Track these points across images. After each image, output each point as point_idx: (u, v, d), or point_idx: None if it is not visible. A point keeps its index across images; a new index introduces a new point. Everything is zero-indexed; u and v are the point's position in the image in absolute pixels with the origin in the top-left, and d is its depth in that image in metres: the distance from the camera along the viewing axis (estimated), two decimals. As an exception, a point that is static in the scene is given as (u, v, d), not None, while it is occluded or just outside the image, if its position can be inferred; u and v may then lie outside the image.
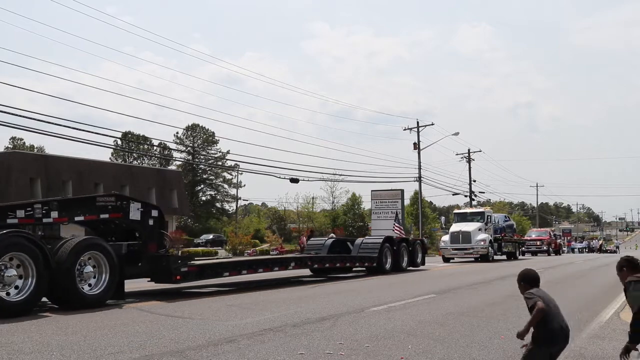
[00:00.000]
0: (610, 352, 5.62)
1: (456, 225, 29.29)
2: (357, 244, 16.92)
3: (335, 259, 15.37)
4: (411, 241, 19.11)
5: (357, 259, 16.19)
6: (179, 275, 9.86)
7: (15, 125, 19.08)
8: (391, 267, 16.96)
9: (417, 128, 44.97)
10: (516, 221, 73.19)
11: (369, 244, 16.75)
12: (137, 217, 9.71)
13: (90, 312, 8.13)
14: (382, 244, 16.53)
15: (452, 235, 28.40)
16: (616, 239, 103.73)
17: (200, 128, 74.62)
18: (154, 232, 10.01)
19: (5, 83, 49.76)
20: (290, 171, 30.70)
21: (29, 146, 78.72)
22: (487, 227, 28.77)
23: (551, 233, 48.38)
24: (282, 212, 78.48)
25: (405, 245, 18.26)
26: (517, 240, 34.45)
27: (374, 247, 16.45)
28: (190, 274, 10.15)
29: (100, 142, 57.17)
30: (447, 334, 6.52)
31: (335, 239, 18.25)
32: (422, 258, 19.15)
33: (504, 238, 30.92)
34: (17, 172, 41.17)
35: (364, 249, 16.51)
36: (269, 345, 5.71)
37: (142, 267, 9.83)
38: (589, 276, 17.71)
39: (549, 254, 43.00)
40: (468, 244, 27.43)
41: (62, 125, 20.13)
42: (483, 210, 31.01)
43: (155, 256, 9.89)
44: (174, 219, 55.94)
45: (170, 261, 9.89)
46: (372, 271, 16.44)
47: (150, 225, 9.91)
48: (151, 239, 9.92)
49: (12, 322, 7.15)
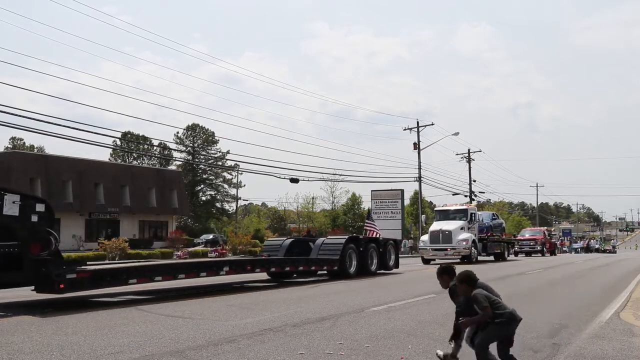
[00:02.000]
0: (611, 352, 5.62)
1: (437, 224, 27.06)
2: (316, 245, 15.34)
3: (285, 262, 13.81)
4: (382, 241, 17.27)
5: (315, 262, 14.44)
6: (62, 284, 8.31)
7: (15, 125, 19.12)
8: (357, 271, 15.30)
9: (417, 128, 45.01)
10: (516, 221, 73.30)
11: (330, 245, 15.15)
12: (13, 212, 8.19)
13: (90, 312, 8.13)
14: (344, 245, 14.93)
15: (431, 235, 26.21)
16: (616, 239, 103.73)
17: (200, 128, 74.68)
18: (37, 231, 8.45)
19: (5, 83, 49.80)
20: (290, 171, 30.76)
21: (29, 146, 78.78)
22: (471, 226, 26.63)
23: (546, 232, 46.18)
24: (282, 212, 78.51)
25: (375, 246, 16.55)
26: (505, 240, 32.66)
27: (336, 249, 14.86)
28: (81, 281, 8.65)
29: (100, 142, 57.35)
30: (447, 334, 6.49)
31: (295, 239, 16.70)
32: (395, 260, 17.61)
33: (490, 238, 29.14)
34: (17, 172, 41.21)
35: (325, 251, 14.93)
36: (269, 345, 5.71)
37: (24, 273, 8.34)
38: (588, 276, 17.71)
39: (542, 254, 41.31)
40: (449, 244, 25.31)
41: (62, 125, 20.18)
42: (466, 208, 28.49)
43: (35, 260, 8.32)
44: (174, 219, 55.98)
45: (50, 266, 8.30)
46: (335, 275, 14.85)
47: (32, 222, 8.39)
48: (34, 239, 8.38)
49: (12, 322, 7.15)
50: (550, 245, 44.15)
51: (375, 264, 16.29)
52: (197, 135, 75.41)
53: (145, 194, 50.76)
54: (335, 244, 15.11)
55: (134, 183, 49.72)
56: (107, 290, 11.14)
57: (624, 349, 5.75)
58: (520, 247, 41.07)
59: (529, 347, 5.86)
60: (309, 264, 14.21)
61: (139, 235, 49.79)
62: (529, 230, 47.72)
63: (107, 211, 47.70)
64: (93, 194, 46.42)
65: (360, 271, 15.41)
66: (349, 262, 15.09)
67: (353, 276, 14.94)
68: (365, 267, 15.73)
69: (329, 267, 14.60)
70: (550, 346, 5.94)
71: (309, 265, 14.24)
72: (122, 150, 69.50)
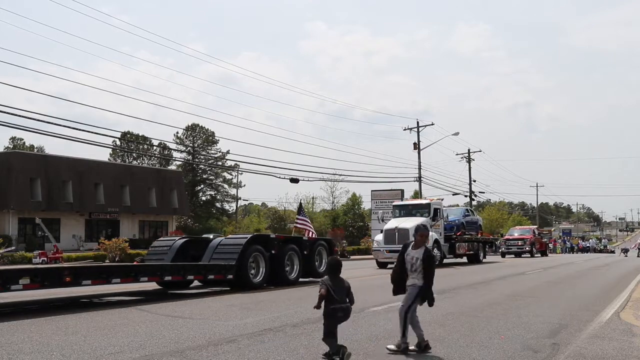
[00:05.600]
0: (611, 352, 5.62)
1: (394, 221, 23.09)
2: (211, 247, 12.25)
3: (154, 269, 10.63)
4: (306, 243, 13.97)
5: (204, 268, 11.28)
6: None
7: (15, 125, 19.12)
8: (265, 279, 12.24)
9: (417, 128, 45.01)
10: (516, 221, 73.09)
11: (227, 247, 12.08)
12: None
13: (90, 312, 8.13)
14: (245, 247, 11.73)
15: (386, 234, 22.10)
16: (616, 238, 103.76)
17: (200, 128, 74.67)
18: None
19: (4, 83, 49.80)
20: (290, 171, 30.75)
21: (29, 146, 78.74)
22: (435, 223, 22.86)
23: (535, 231, 42.07)
24: (282, 212, 78.50)
25: (296, 248, 13.32)
26: (480, 240, 28.37)
27: (233, 251, 11.72)
28: None
29: (100, 142, 57.32)
30: (447, 334, 6.52)
31: (189, 239, 13.49)
32: None
33: (460, 237, 25.14)
34: (17, 172, 41.17)
35: (220, 254, 11.89)
36: (269, 345, 5.71)
37: None
38: (589, 276, 17.71)
39: (532, 254, 37.47)
40: None
41: (62, 125, 20.17)
42: (429, 202, 24.44)
43: None
44: (174, 219, 55.98)
45: None
46: (237, 285, 11.81)
47: None
48: None
49: (12, 322, 7.15)
50: (540, 245, 40.73)
51: (296, 271, 13.27)
52: (197, 135, 75.41)
53: (145, 194, 50.73)
54: (233, 246, 11.99)
55: (134, 183, 49.69)
56: (107, 290, 11.13)
57: (624, 349, 5.75)
58: (507, 248, 38.33)
59: (529, 347, 5.87)
60: (196, 272, 11.09)
61: (139, 235, 49.77)
62: (518, 229, 44.03)
63: (107, 211, 47.69)
64: (93, 194, 46.40)
65: (272, 280, 12.50)
66: (255, 269, 12.12)
67: (258, 286, 11.91)
68: (280, 274, 12.71)
69: (220, 276, 11.37)
70: (550, 346, 5.94)
71: (195, 273, 11.08)
72: (121, 150, 69.50)
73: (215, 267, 11.43)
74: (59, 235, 43.73)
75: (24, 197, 41.43)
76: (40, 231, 35.53)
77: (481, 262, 26.83)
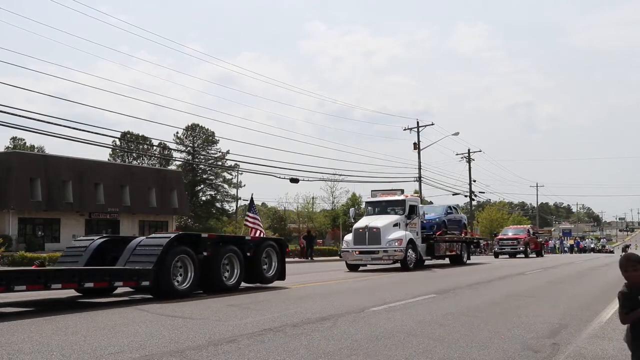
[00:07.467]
0: (611, 352, 5.62)
1: (365, 219, 20.99)
2: (129, 248, 10.34)
3: (30, 275, 8.38)
4: (250, 242, 12.17)
5: (108, 274, 9.27)
6: None
7: (15, 125, 19.16)
8: (194, 286, 10.35)
9: (417, 128, 45.02)
10: (516, 221, 72.99)
11: (146, 248, 10.14)
12: None
13: (90, 312, 8.13)
14: (166, 248, 9.80)
15: (356, 233, 20.09)
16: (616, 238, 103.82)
17: (200, 128, 74.73)
18: None
19: (4, 83, 49.81)
20: (290, 171, 30.79)
21: (29, 146, 78.76)
22: (410, 222, 20.74)
23: (530, 231, 40.41)
24: (282, 212, 78.48)
25: (238, 249, 11.47)
26: (463, 240, 26.14)
27: (152, 253, 9.83)
28: None
29: (100, 142, 57.27)
30: (447, 334, 6.52)
31: (109, 239, 11.51)
32: (279, 268, 12.57)
33: (439, 237, 22.90)
34: (17, 172, 41.19)
35: (138, 256, 10.00)
36: (269, 345, 5.71)
37: None
38: (589, 276, 17.71)
39: (526, 255, 36.19)
40: (377, 245, 19.29)
41: (62, 125, 20.20)
42: (404, 198, 21.59)
43: None
44: (174, 219, 55.98)
45: None
46: (156, 294, 9.98)
47: None
48: None
49: (12, 322, 7.15)
50: (535, 245, 39.06)
51: (236, 276, 11.39)
52: (196, 135, 75.46)
53: (145, 194, 50.75)
54: (153, 247, 10.03)
55: (134, 183, 49.70)
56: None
57: (624, 349, 5.73)
58: (500, 248, 37.26)
59: (529, 347, 5.86)
60: (108, 279, 9.17)
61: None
62: (512, 228, 42.66)
63: (107, 211, 47.71)
64: (93, 194, 46.41)
65: (205, 286, 10.84)
66: (182, 274, 10.16)
67: (184, 295, 9.97)
68: (215, 280, 10.88)
69: (134, 282, 9.51)
70: (550, 346, 5.93)
71: (98, 280, 9.07)
72: (121, 150, 69.54)
73: (125, 273, 9.38)
74: (59, 235, 43.78)
75: (24, 197, 41.45)
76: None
77: (464, 264, 24.82)
